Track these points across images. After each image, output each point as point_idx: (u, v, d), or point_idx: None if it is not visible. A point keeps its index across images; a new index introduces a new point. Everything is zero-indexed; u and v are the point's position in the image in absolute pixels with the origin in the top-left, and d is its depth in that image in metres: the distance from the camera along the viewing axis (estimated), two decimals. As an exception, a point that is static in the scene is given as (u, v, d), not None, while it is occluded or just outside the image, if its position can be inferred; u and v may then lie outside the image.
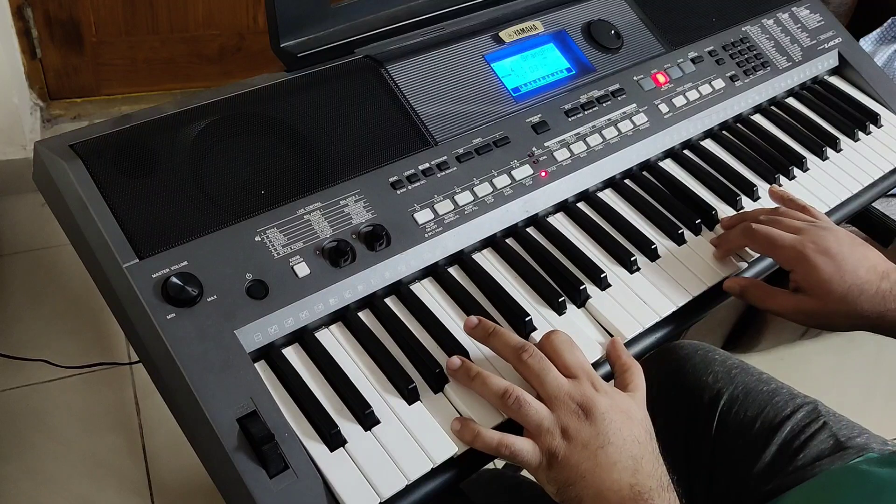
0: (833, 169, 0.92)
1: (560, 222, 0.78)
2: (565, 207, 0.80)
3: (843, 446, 0.81)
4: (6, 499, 1.32)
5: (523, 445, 0.57)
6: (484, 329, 0.63)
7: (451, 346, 0.65)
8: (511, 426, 0.59)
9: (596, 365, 0.66)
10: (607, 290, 0.72)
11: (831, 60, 1.05)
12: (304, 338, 0.63)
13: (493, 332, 0.63)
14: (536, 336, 0.67)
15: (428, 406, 0.61)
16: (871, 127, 0.99)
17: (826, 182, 0.90)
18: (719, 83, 0.92)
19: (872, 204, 0.94)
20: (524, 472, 0.62)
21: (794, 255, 0.69)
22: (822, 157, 0.93)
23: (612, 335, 0.69)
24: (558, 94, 0.83)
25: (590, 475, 0.56)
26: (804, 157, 0.91)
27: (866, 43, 1.59)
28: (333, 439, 0.57)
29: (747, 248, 0.77)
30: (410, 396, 0.61)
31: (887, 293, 0.68)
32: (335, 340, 0.64)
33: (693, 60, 0.92)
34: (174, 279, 0.59)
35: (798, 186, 0.89)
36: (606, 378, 0.65)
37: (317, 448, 0.57)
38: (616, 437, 0.57)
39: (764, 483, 0.81)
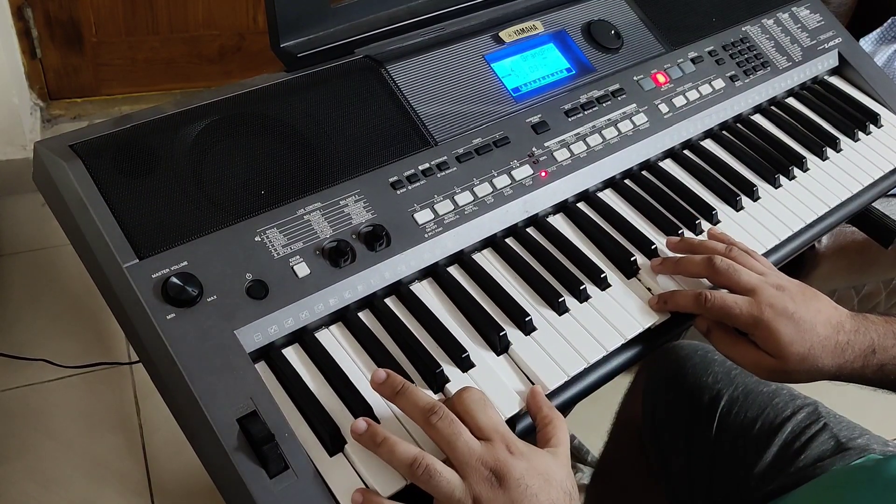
0: (833, 169, 0.92)
1: (560, 222, 0.78)
2: (565, 207, 0.80)
3: (844, 447, 0.81)
4: (6, 499, 1.32)
5: None
6: (391, 386, 0.58)
7: (452, 346, 0.64)
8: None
9: (591, 370, 0.67)
10: (607, 290, 0.72)
11: (831, 60, 1.05)
12: (304, 338, 0.63)
13: (401, 391, 0.57)
14: (537, 336, 0.67)
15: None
16: (871, 127, 0.99)
17: (826, 182, 0.90)
18: (719, 83, 0.92)
19: (872, 204, 0.94)
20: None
21: (753, 322, 0.67)
22: (822, 157, 0.93)
23: (615, 335, 0.69)
24: (558, 94, 0.83)
25: None
26: (804, 157, 0.91)
27: (866, 43, 1.59)
28: (333, 440, 0.57)
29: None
30: (410, 396, 0.61)
31: (845, 345, 0.67)
32: (335, 340, 0.64)
33: (693, 60, 0.92)
34: (174, 279, 0.59)
35: (798, 187, 0.88)
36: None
37: (316, 448, 0.57)
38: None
39: (765, 484, 0.81)
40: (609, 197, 0.82)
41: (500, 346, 0.66)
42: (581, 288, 0.71)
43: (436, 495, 0.54)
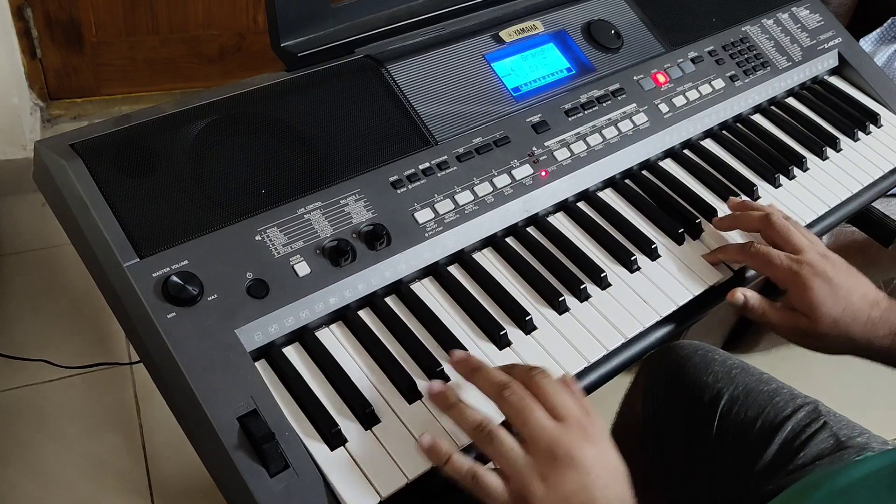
0: (833, 169, 0.92)
1: (560, 222, 0.78)
2: (565, 207, 0.80)
3: (844, 446, 0.81)
4: (6, 499, 1.32)
5: (493, 481, 0.53)
6: (468, 365, 0.59)
7: (452, 345, 0.64)
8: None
9: (591, 369, 0.67)
10: (607, 289, 0.72)
11: (831, 60, 1.05)
12: (305, 337, 0.63)
13: (478, 369, 0.58)
14: (537, 335, 0.67)
15: (428, 405, 0.61)
16: (871, 127, 0.99)
17: (826, 182, 0.90)
18: (719, 83, 0.92)
19: (872, 204, 0.94)
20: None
21: (790, 277, 0.70)
22: (822, 157, 0.93)
23: (615, 334, 0.69)
24: (558, 94, 0.83)
25: None
26: (804, 157, 0.91)
27: (866, 43, 1.59)
28: (334, 438, 0.57)
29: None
30: (410, 395, 0.61)
31: (877, 321, 0.69)
32: (335, 339, 0.64)
33: (693, 60, 0.92)
34: (175, 278, 0.59)
35: (798, 186, 0.89)
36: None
37: (317, 447, 0.57)
38: (601, 495, 0.52)
39: (765, 483, 0.81)
40: (609, 196, 0.82)
41: (500, 345, 0.66)
42: (581, 287, 0.71)
43: (496, 462, 0.54)
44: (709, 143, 0.92)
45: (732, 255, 0.76)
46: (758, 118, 0.97)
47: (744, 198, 0.84)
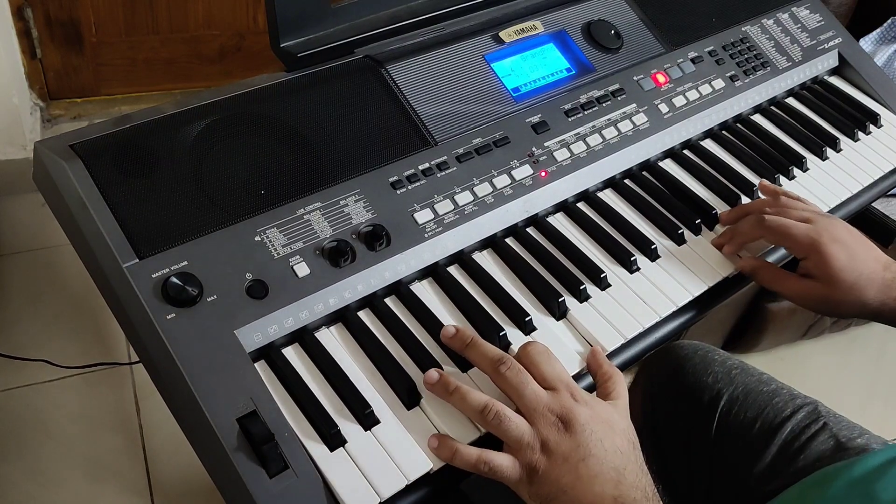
0: (833, 169, 0.92)
1: (560, 222, 0.78)
2: (565, 207, 0.80)
3: (844, 447, 0.81)
4: (6, 499, 1.32)
5: (502, 461, 0.56)
6: (461, 339, 0.62)
7: (451, 346, 0.64)
8: (489, 442, 0.58)
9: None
10: (607, 290, 0.72)
11: (831, 60, 1.05)
12: (304, 338, 0.63)
13: (471, 343, 0.61)
14: (536, 336, 0.67)
15: (428, 406, 0.61)
16: (871, 127, 0.99)
17: (826, 182, 0.90)
18: (719, 83, 0.92)
19: (872, 204, 0.94)
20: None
21: (809, 244, 0.71)
22: (822, 157, 0.93)
23: (615, 335, 0.69)
24: (558, 94, 0.83)
25: (571, 489, 0.54)
26: (804, 157, 0.91)
27: (866, 43, 1.59)
28: (333, 439, 0.57)
29: (755, 242, 0.78)
30: (410, 396, 0.61)
31: (891, 282, 0.71)
32: (335, 340, 0.64)
33: (693, 60, 0.92)
34: (174, 279, 0.59)
35: (798, 186, 0.89)
36: (590, 390, 0.65)
37: (316, 448, 0.57)
38: (597, 449, 0.55)
39: (765, 484, 0.81)
40: (609, 197, 0.82)
41: (499, 346, 0.66)
42: (581, 288, 0.71)
43: (506, 440, 0.56)
44: (709, 144, 0.91)
45: (749, 233, 0.75)
46: (758, 118, 0.97)
47: (743, 199, 0.84)
